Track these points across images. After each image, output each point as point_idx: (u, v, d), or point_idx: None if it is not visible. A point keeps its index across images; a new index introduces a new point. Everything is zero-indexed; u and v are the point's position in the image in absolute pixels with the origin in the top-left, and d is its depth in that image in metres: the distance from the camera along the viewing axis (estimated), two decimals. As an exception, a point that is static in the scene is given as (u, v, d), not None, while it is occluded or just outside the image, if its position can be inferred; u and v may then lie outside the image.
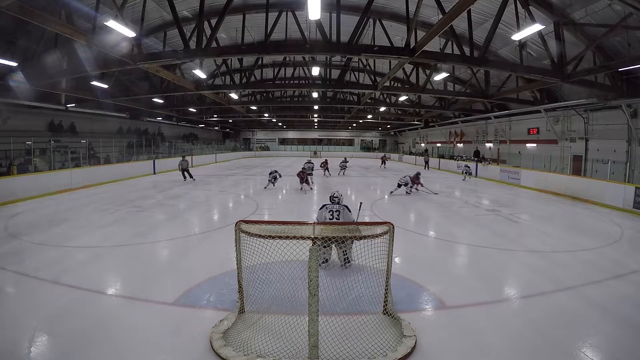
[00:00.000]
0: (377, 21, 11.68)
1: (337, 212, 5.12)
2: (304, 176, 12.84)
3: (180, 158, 16.69)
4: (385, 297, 3.67)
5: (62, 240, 6.42)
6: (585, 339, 3.40)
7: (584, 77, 10.17)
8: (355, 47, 9.00)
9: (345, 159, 21.13)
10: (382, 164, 27.07)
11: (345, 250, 4.85)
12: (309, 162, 15.69)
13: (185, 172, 15.67)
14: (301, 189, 12.85)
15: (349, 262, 4.85)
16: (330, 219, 5.05)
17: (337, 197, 5.45)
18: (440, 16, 7.57)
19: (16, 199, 10.10)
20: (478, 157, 21.47)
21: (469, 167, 18.40)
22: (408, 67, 14.42)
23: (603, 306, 4.03)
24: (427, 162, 25.19)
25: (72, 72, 10.43)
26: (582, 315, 3.85)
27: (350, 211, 5.28)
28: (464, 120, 23.89)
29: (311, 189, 13.09)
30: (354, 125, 37.52)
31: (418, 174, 12.85)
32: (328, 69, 17.04)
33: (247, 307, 3.70)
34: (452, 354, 3.14)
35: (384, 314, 3.65)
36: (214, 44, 10.08)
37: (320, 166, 18.54)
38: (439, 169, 25.03)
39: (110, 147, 17.78)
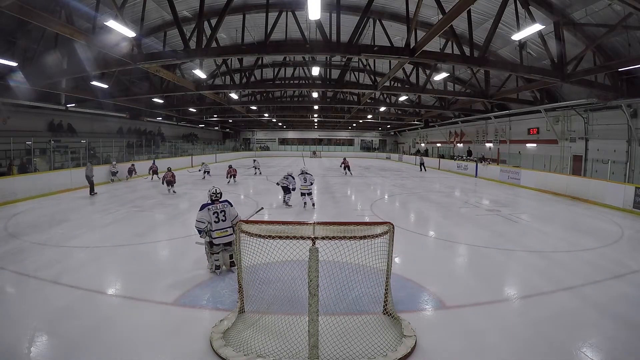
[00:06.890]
0: (377, 21, 11.67)
1: (222, 212, 4.87)
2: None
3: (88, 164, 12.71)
4: (385, 297, 3.67)
5: (62, 240, 6.42)
6: (585, 339, 3.40)
7: (584, 77, 10.17)
8: (355, 47, 9.00)
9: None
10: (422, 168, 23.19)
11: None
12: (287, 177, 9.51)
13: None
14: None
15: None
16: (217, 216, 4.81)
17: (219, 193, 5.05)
18: (440, 16, 7.57)
19: (16, 199, 10.10)
20: (470, 156, 21.66)
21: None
22: (408, 67, 14.42)
23: (603, 306, 4.03)
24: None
25: (72, 72, 10.42)
26: (582, 315, 3.85)
27: (232, 206, 5.04)
28: (464, 120, 23.88)
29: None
30: (354, 125, 37.52)
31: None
32: (328, 69, 17.02)
33: (247, 307, 3.70)
34: (452, 354, 3.14)
35: (384, 314, 3.65)
36: (214, 44, 10.07)
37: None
38: (438, 168, 25.04)
39: (110, 147, 17.78)
